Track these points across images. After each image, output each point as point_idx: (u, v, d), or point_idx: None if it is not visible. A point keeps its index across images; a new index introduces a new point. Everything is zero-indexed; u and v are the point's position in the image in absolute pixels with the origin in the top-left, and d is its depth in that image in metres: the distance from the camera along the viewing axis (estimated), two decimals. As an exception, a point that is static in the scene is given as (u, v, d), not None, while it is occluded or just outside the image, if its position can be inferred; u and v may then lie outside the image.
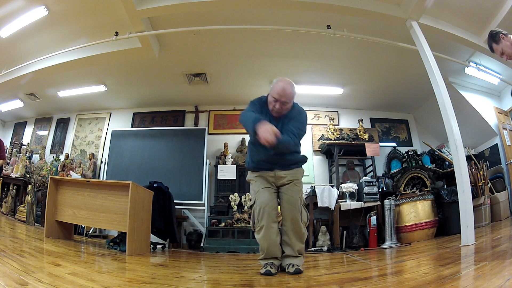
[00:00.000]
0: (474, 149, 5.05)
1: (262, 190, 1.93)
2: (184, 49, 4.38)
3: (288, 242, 1.89)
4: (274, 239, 1.86)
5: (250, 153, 2.07)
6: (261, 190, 1.93)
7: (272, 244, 1.86)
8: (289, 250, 1.90)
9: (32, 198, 4.64)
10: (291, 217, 1.89)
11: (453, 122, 2.87)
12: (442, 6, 3.49)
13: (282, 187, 1.98)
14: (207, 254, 3.87)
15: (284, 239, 1.91)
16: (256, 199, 1.93)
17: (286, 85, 1.85)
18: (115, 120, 6.13)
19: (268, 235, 1.84)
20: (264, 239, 1.85)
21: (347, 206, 4.27)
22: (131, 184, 2.86)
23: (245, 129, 1.87)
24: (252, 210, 1.95)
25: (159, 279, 1.65)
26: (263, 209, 1.86)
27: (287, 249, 1.91)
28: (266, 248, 1.86)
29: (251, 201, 2.01)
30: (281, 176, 1.97)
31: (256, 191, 1.96)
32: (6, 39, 4.02)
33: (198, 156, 5.20)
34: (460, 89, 4.74)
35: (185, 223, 5.07)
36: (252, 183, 2.04)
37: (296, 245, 1.89)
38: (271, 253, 1.87)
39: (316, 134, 5.61)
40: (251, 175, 2.06)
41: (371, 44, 3.89)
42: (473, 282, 1.23)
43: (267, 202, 1.88)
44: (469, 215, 2.58)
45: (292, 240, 1.89)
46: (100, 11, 3.66)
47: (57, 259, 1.97)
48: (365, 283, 1.46)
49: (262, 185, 1.95)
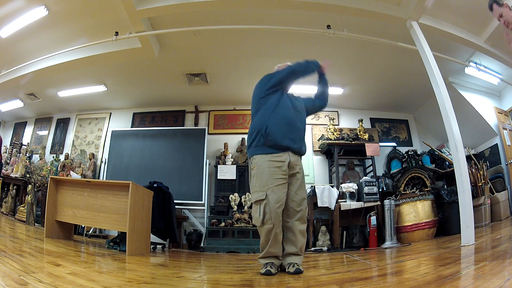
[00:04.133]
0: (474, 149, 5.04)
1: (277, 187, 1.82)
2: (184, 49, 4.38)
3: (293, 239, 1.87)
4: (279, 239, 1.85)
5: (262, 123, 1.90)
6: (276, 187, 1.82)
7: (277, 245, 1.85)
8: (292, 248, 1.88)
9: (32, 198, 4.64)
10: (300, 215, 1.88)
11: (453, 122, 2.87)
12: (442, 6, 3.49)
13: (292, 178, 1.92)
14: (207, 254, 3.87)
15: (288, 236, 1.88)
16: (268, 195, 1.80)
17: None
18: (115, 120, 6.14)
19: (276, 235, 1.82)
20: (271, 238, 1.81)
21: (347, 206, 4.27)
22: (131, 184, 2.86)
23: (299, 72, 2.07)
24: (260, 205, 1.81)
25: (159, 279, 1.65)
26: (275, 211, 1.79)
27: (290, 247, 1.88)
28: (269, 247, 1.84)
29: (258, 194, 1.83)
30: (295, 164, 1.92)
31: (269, 186, 1.82)
32: (6, 39, 4.02)
33: (198, 156, 5.20)
34: (460, 89, 4.74)
35: (185, 223, 5.07)
36: (262, 171, 1.86)
37: (300, 241, 1.88)
38: (273, 252, 1.86)
39: (316, 134, 5.61)
40: (261, 160, 1.88)
41: (371, 44, 3.89)
42: (473, 282, 1.23)
43: (282, 201, 1.82)
44: (469, 215, 2.58)
45: (297, 237, 1.87)
46: (100, 11, 3.66)
47: (57, 259, 1.97)
48: (365, 283, 1.46)
49: (277, 180, 1.83)
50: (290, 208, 1.90)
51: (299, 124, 2.01)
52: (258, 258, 1.93)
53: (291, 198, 1.90)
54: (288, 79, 2.06)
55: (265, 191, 1.82)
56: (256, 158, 1.92)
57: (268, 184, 1.83)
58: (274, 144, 1.88)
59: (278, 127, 1.90)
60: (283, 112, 1.95)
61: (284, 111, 1.95)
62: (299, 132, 2.01)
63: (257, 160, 1.91)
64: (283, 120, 1.92)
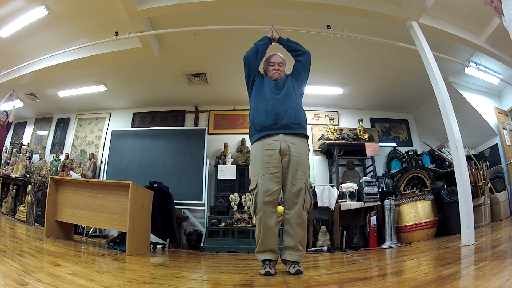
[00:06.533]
0: (474, 149, 5.04)
1: (267, 177, 1.82)
2: (184, 49, 4.38)
3: (290, 232, 1.83)
4: (273, 231, 1.82)
5: (253, 112, 2.00)
6: (265, 177, 1.82)
7: (270, 236, 1.82)
8: (289, 241, 1.84)
9: (32, 198, 4.64)
10: (298, 207, 1.83)
11: (453, 122, 2.87)
12: (442, 6, 3.49)
13: (288, 168, 1.86)
14: (207, 254, 3.87)
15: (286, 228, 1.85)
16: (258, 184, 1.82)
17: (274, 53, 2.21)
18: (115, 120, 6.14)
19: (268, 226, 1.80)
20: (261, 227, 1.80)
21: (347, 206, 4.27)
22: (131, 184, 2.86)
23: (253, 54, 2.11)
24: (253, 194, 1.85)
25: (159, 279, 1.65)
26: (263, 200, 1.79)
27: (288, 240, 1.84)
28: (262, 238, 1.82)
29: (251, 183, 1.87)
30: (287, 150, 1.85)
31: (260, 175, 1.84)
32: (6, 39, 4.02)
33: (198, 156, 5.20)
34: (460, 89, 4.74)
35: (185, 223, 5.07)
36: (255, 161, 1.90)
37: (298, 234, 1.83)
38: (268, 244, 1.83)
39: (316, 134, 5.61)
40: (254, 149, 1.94)
41: (371, 44, 3.89)
42: (473, 282, 1.23)
43: (271, 191, 1.81)
44: (469, 215, 2.58)
45: (295, 229, 1.83)
46: (100, 11, 3.66)
47: (57, 259, 1.97)
48: (365, 283, 1.46)
49: (267, 170, 1.83)
50: (288, 199, 1.87)
51: (282, 100, 1.96)
52: (255, 252, 1.90)
53: (288, 190, 1.86)
54: (249, 66, 2.11)
55: (256, 180, 1.85)
56: (252, 148, 2.00)
57: (259, 174, 1.86)
58: (262, 127, 1.93)
59: (260, 112, 1.96)
60: (262, 96, 2.01)
61: (261, 95, 2.01)
62: (283, 105, 1.94)
63: (252, 149, 1.99)
64: (263, 103, 1.97)
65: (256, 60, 2.12)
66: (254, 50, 2.14)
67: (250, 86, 2.13)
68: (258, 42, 2.19)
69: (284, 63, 2.18)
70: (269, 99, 1.97)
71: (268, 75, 2.15)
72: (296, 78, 2.12)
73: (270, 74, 2.14)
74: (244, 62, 2.12)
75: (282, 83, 2.05)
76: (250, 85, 2.12)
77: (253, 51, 2.13)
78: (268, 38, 2.22)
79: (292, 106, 1.95)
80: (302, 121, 1.99)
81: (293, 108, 1.95)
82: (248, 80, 2.13)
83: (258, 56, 2.13)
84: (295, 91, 2.04)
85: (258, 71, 2.16)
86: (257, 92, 2.06)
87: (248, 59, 2.11)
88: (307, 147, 2.00)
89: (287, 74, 2.16)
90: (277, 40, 2.24)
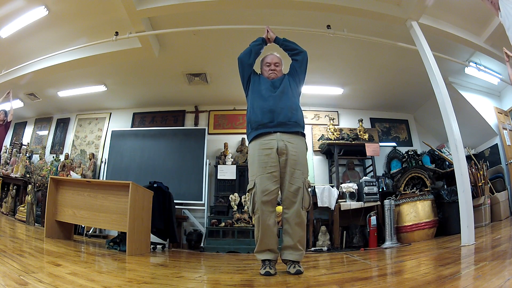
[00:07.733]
0: (474, 149, 5.04)
1: (265, 176, 1.82)
2: (184, 49, 4.38)
3: (289, 231, 1.83)
4: (272, 230, 1.82)
5: (249, 111, 2.01)
6: (263, 176, 1.82)
7: (269, 236, 1.82)
8: (288, 241, 1.84)
9: (32, 198, 4.64)
10: (296, 206, 1.82)
11: (453, 122, 2.87)
12: (442, 6, 3.49)
13: (286, 167, 1.85)
14: (207, 254, 3.87)
15: (286, 228, 1.85)
16: (256, 183, 1.83)
17: (270, 53, 2.23)
18: (115, 120, 6.14)
19: (266, 226, 1.80)
20: (260, 227, 1.80)
21: (347, 206, 4.27)
22: (131, 184, 2.86)
23: (247, 55, 2.14)
24: (251, 194, 1.85)
25: (159, 279, 1.65)
26: (261, 200, 1.79)
27: (287, 240, 1.84)
28: (261, 238, 1.82)
29: (249, 183, 1.88)
30: (284, 150, 1.84)
31: (257, 175, 1.84)
32: (6, 39, 4.02)
33: (198, 156, 5.20)
34: (460, 89, 4.74)
35: (185, 223, 5.07)
36: (253, 160, 1.90)
37: (297, 234, 1.82)
38: (267, 244, 1.83)
39: (316, 134, 5.61)
40: (252, 149, 1.94)
41: (371, 44, 3.89)
42: (473, 282, 1.23)
43: (269, 190, 1.80)
44: (469, 215, 2.58)
45: (293, 229, 1.82)
46: (100, 11, 3.66)
47: (57, 259, 1.97)
48: (365, 283, 1.46)
49: (265, 169, 1.83)
50: (286, 198, 1.86)
51: (278, 98, 1.97)
52: (254, 252, 1.89)
53: (286, 189, 1.86)
54: (243, 66, 2.13)
55: (254, 179, 1.85)
56: (249, 147, 2.00)
57: (256, 173, 1.86)
58: (258, 125, 1.93)
59: (257, 110, 1.96)
60: (258, 95, 2.02)
61: (258, 94, 2.02)
62: (279, 103, 1.94)
63: (250, 148, 1.99)
64: (259, 101, 1.98)
65: (249, 60, 2.14)
66: (248, 51, 2.16)
67: (246, 85, 2.15)
68: (252, 43, 2.22)
69: (280, 63, 2.18)
70: (266, 97, 1.98)
71: (265, 75, 2.15)
72: (293, 77, 2.13)
73: (266, 74, 2.14)
74: (238, 63, 2.15)
75: (278, 82, 2.06)
76: (246, 85, 2.14)
77: (247, 52, 2.16)
78: (262, 39, 2.23)
79: (288, 104, 1.96)
80: (299, 119, 1.99)
81: (289, 106, 1.96)
82: (243, 79, 2.15)
83: (251, 56, 2.14)
84: (291, 89, 2.05)
85: (253, 70, 2.17)
86: (254, 91, 2.07)
87: (241, 60, 2.14)
88: (304, 146, 1.98)
89: (284, 74, 2.17)
90: (274, 40, 2.25)
